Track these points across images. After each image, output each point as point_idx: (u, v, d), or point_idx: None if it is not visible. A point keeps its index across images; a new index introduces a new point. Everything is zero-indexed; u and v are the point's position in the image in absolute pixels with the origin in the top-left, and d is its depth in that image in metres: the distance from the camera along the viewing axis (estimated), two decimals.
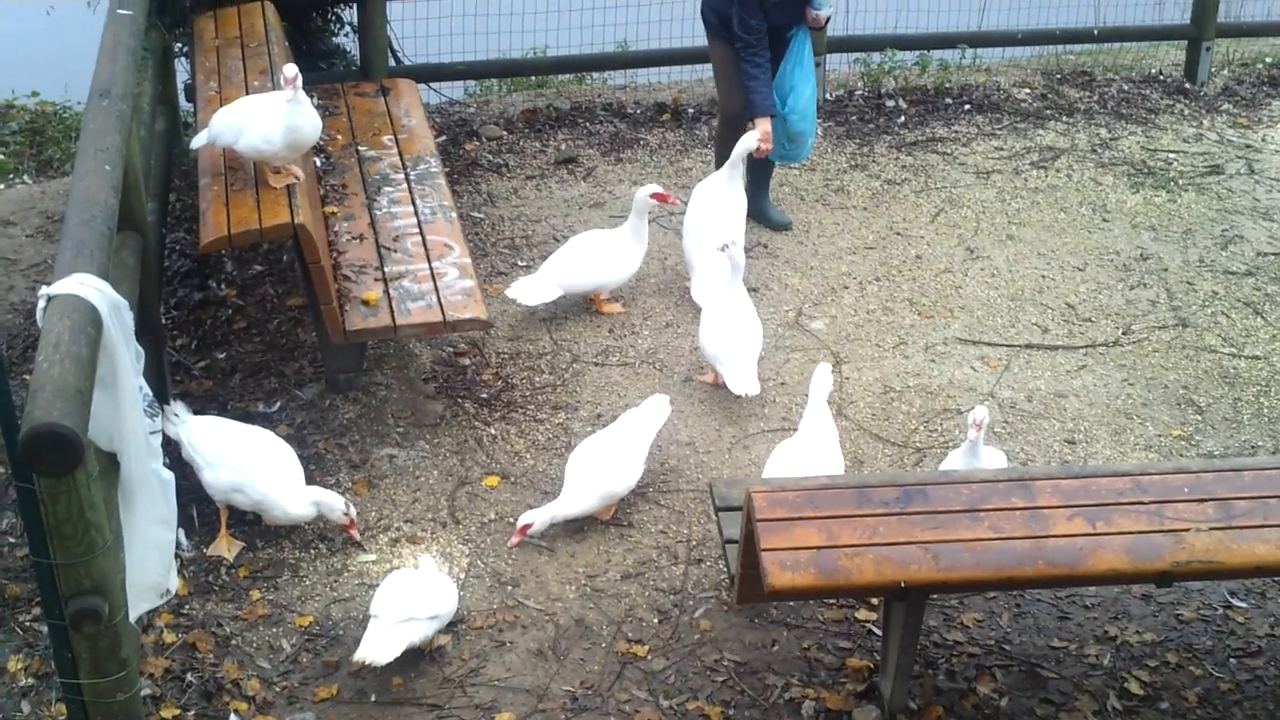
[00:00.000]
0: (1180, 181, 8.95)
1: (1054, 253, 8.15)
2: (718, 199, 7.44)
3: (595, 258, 7.25)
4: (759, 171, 8.19)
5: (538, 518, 5.76)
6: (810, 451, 5.81)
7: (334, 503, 5.74)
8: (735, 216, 7.41)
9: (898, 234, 8.33)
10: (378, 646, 5.02)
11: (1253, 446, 6.56)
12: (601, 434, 6.11)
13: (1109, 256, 8.12)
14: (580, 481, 5.85)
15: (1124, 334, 7.41)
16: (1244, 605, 5.65)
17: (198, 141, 6.50)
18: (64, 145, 9.33)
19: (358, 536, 5.83)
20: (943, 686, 5.21)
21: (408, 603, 5.12)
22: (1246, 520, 4.59)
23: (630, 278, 7.39)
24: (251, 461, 5.70)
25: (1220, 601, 5.67)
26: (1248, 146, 9.44)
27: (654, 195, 7.20)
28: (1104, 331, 7.43)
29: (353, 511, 5.77)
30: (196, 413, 6.17)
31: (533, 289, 7.19)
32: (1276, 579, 5.73)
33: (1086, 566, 4.47)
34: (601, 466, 5.88)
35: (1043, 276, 7.91)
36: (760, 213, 8.22)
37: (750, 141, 7.38)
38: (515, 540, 5.77)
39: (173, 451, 5.65)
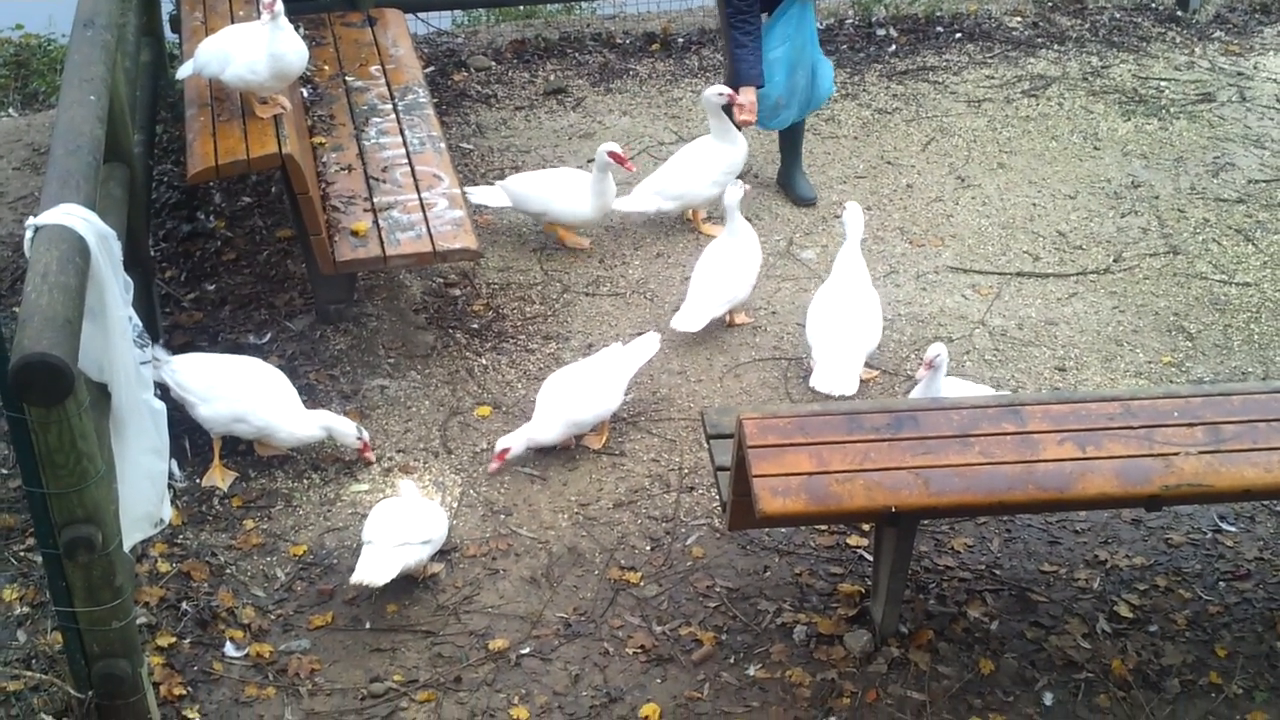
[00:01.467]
0: (1172, 109, 8.91)
1: (1045, 181, 8.13)
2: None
3: (551, 185, 7.22)
4: (789, 140, 7.85)
5: (514, 442, 5.77)
6: (847, 295, 6.24)
7: (346, 429, 5.76)
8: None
9: (888, 163, 8.30)
10: (373, 568, 5.05)
11: (1243, 373, 6.57)
12: (580, 363, 6.12)
13: (1100, 184, 8.10)
14: (547, 409, 5.86)
15: (1115, 261, 7.40)
16: (1233, 529, 5.69)
17: (183, 72, 6.45)
18: (49, 78, 9.25)
19: (372, 458, 5.86)
20: (933, 611, 5.25)
21: (400, 528, 5.15)
22: (1235, 444, 4.61)
23: (577, 220, 7.25)
24: (247, 390, 5.70)
25: (1209, 525, 5.70)
26: (1239, 74, 9.40)
27: (610, 154, 6.94)
28: (1095, 259, 7.42)
29: (365, 435, 5.79)
30: (183, 346, 6.18)
31: (485, 194, 7.35)
32: (1265, 503, 5.76)
33: (1076, 490, 4.49)
34: (569, 395, 5.87)
35: (1034, 205, 7.89)
36: (789, 183, 7.89)
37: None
38: (495, 466, 5.77)
39: (163, 388, 5.64)
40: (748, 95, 7.29)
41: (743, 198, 6.63)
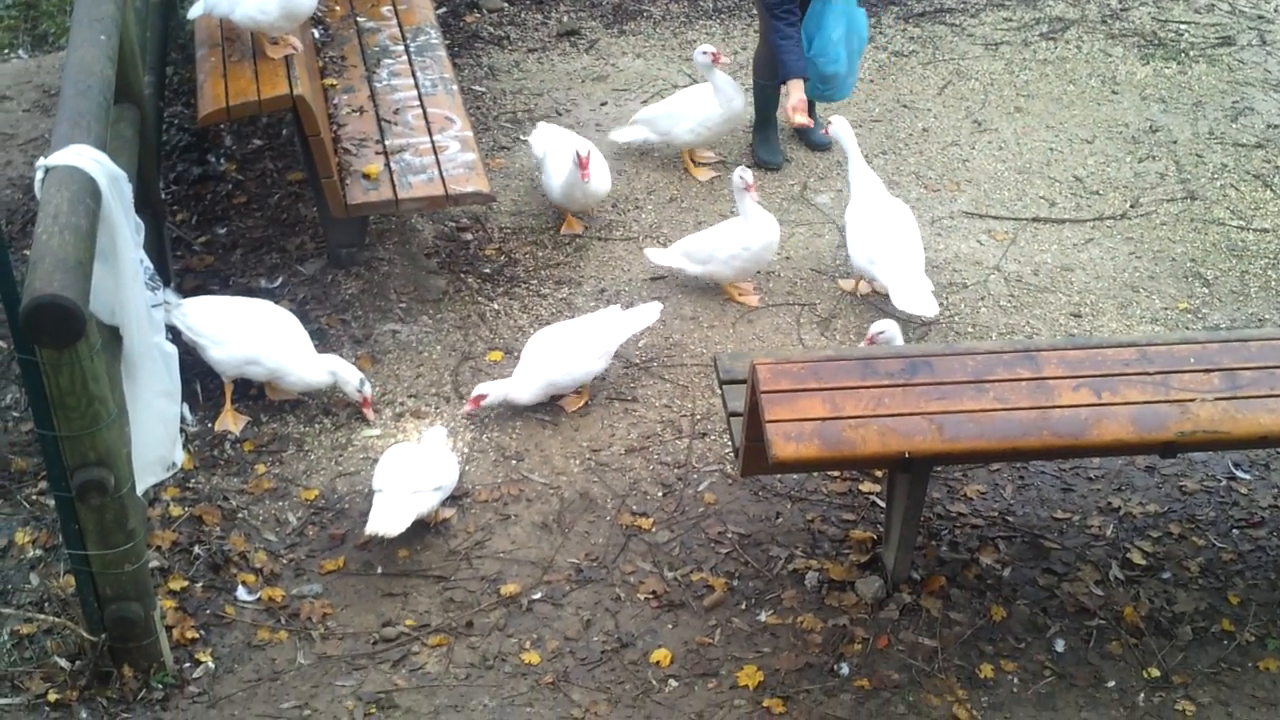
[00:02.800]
0: (1191, 53, 8.82)
1: (1062, 125, 8.05)
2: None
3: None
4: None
5: (493, 391, 5.75)
6: (886, 210, 6.46)
7: (350, 376, 5.74)
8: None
9: (904, 106, 8.23)
10: (387, 518, 5.05)
11: (1260, 319, 6.53)
12: (572, 322, 6.06)
13: (1118, 129, 8.02)
14: (528, 367, 5.82)
15: (1132, 207, 7.34)
16: (1247, 477, 5.66)
17: (194, 12, 6.40)
18: (59, 19, 9.20)
19: (371, 416, 5.84)
20: (945, 557, 5.24)
21: (411, 475, 5.14)
22: (1252, 390, 4.57)
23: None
24: (260, 332, 5.68)
25: (1224, 473, 5.68)
26: (1260, 17, 9.29)
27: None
28: (1112, 204, 7.36)
29: (368, 390, 5.76)
30: (194, 289, 6.16)
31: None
32: None
33: (1091, 437, 4.46)
34: (552, 356, 5.82)
35: (1050, 149, 7.82)
36: (802, 128, 7.60)
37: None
38: (469, 408, 5.76)
39: (174, 331, 5.63)
40: (797, 91, 7.03)
41: (746, 187, 6.30)
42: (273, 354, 5.66)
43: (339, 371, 5.74)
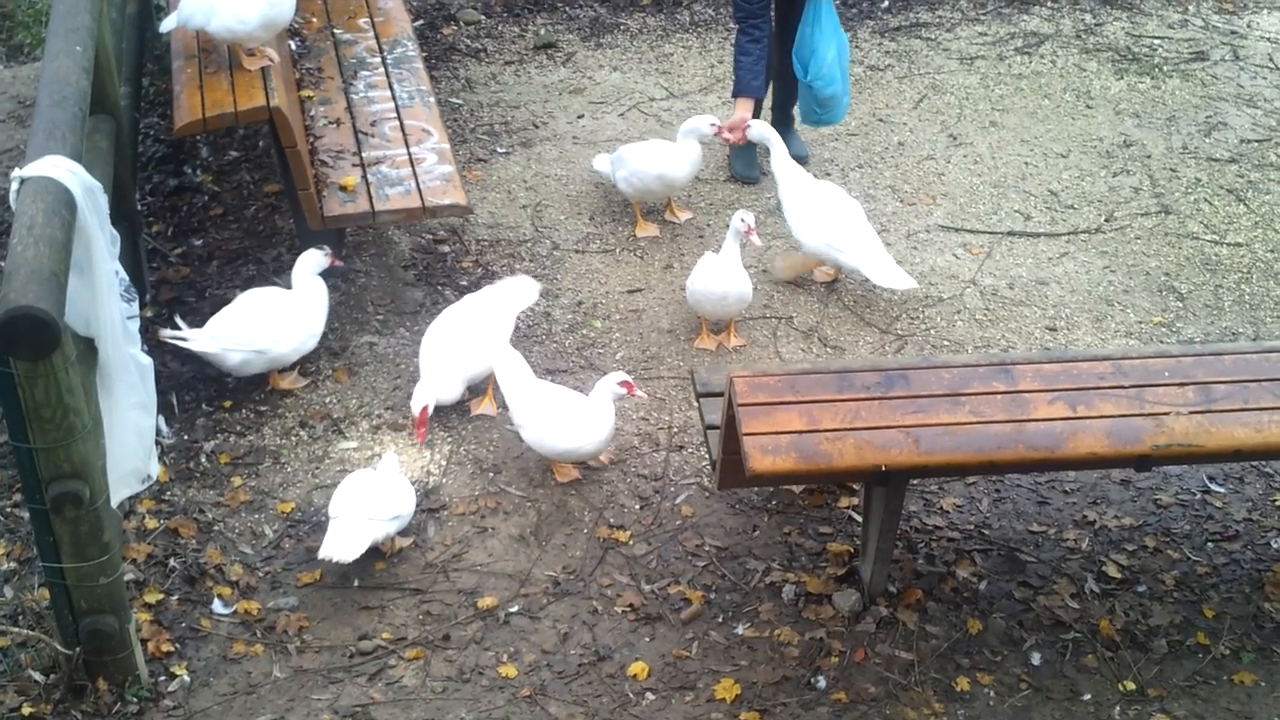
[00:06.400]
0: (1165, 68, 8.87)
1: (1037, 139, 8.09)
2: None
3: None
4: (782, 97, 7.62)
5: (429, 399, 5.65)
6: (832, 194, 6.61)
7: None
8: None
9: (880, 120, 8.26)
10: (341, 544, 5.00)
11: (1234, 333, 6.56)
12: (459, 311, 6.03)
13: (1092, 143, 8.07)
14: (441, 366, 5.79)
15: (1106, 221, 7.38)
16: (1222, 490, 5.69)
17: (168, 24, 6.37)
18: (34, 30, 9.16)
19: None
20: (922, 570, 5.25)
21: (367, 503, 5.10)
22: (1226, 404, 4.60)
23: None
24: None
25: (1198, 486, 5.70)
26: (1233, 32, 9.36)
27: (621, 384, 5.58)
28: (1086, 218, 7.40)
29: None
30: (170, 301, 6.15)
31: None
32: (1254, 463, 5.77)
33: (1067, 450, 4.48)
34: (458, 350, 5.82)
35: (1026, 163, 7.86)
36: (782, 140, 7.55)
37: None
38: (421, 434, 5.63)
39: (150, 339, 5.61)
40: (743, 110, 7.04)
41: (744, 230, 6.16)
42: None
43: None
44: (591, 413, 5.43)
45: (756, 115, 7.24)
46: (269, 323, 5.79)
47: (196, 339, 5.70)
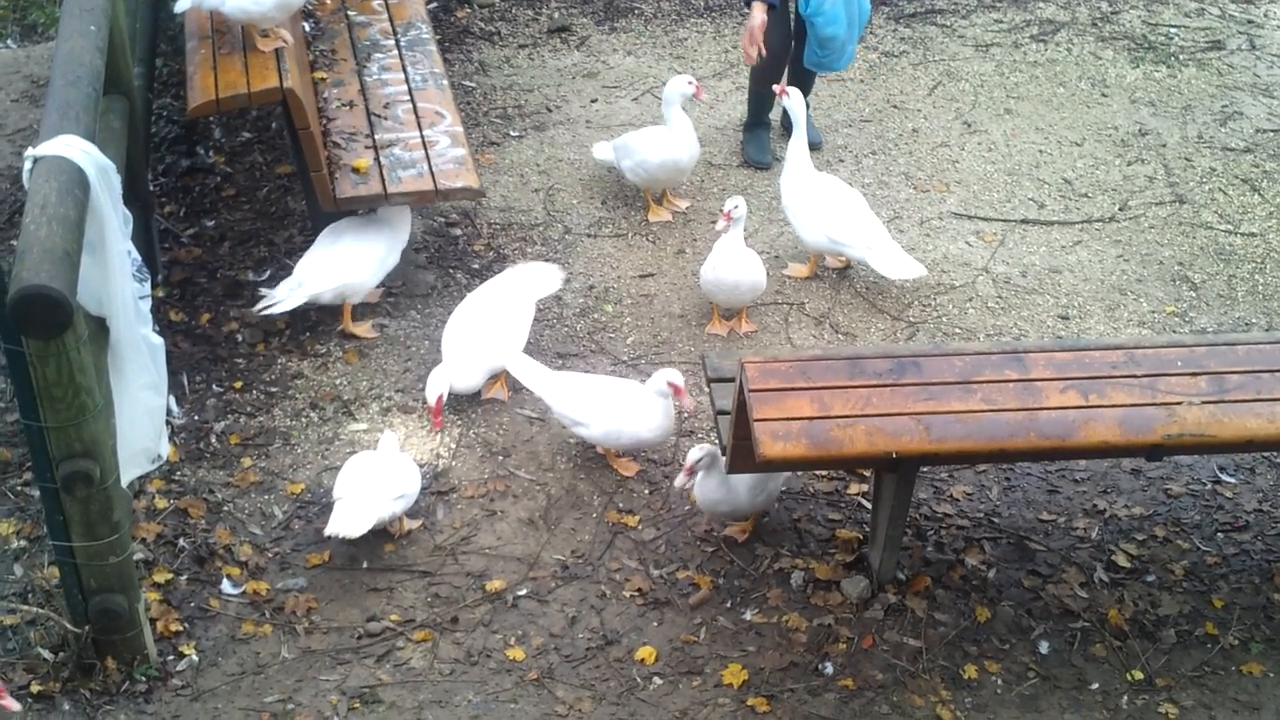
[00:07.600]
0: (1181, 56, 8.83)
1: (1052, 127, 8.06)
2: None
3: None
4: (796, 84, 7.29)
5: (444, 386, 5.61)
6: (840, 185, 6.62)
7: None
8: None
9: (895, 107, 8.23)
10: (346, 521, 5.00)
11: (1247, 323, 6.54)
12: (481, 297, 6.03)
13: (1107, 132, 8.04)
14: (464, 353, 5.78)
15: (1120, 210, 7.35)
16: (1232, 480, 5.67)
17: (183, 4, 6.35)
18: (48, 9, 9.15)
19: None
20: (931, 558, 5.25)
21: (371, 483, 5.09)
22: (1239, 394, 4.59)
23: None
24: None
25: (1209, 477, 5.69)
26: (1249, 22, 9.31)
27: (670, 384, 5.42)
28: (1100, 207, 7.38)
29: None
30: (182, 282, 6.17)
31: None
32: (1266, 454, 5.75)
33: (1078, 439, 4.47)
34: (484, 338, 5.80)
35: (1040, 151, 7.83)
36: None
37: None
38: (438, 422, 5.60)
39: (161, 319, 5.61)
40: (759, 12, 6.92)
41: (741, 216, 6.13)
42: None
43: None
44: (651, 401, 5.41)
45: (779, 71, 7.25)
46: (351, 257, 6.09)
47: (289, 297, 5.96)
